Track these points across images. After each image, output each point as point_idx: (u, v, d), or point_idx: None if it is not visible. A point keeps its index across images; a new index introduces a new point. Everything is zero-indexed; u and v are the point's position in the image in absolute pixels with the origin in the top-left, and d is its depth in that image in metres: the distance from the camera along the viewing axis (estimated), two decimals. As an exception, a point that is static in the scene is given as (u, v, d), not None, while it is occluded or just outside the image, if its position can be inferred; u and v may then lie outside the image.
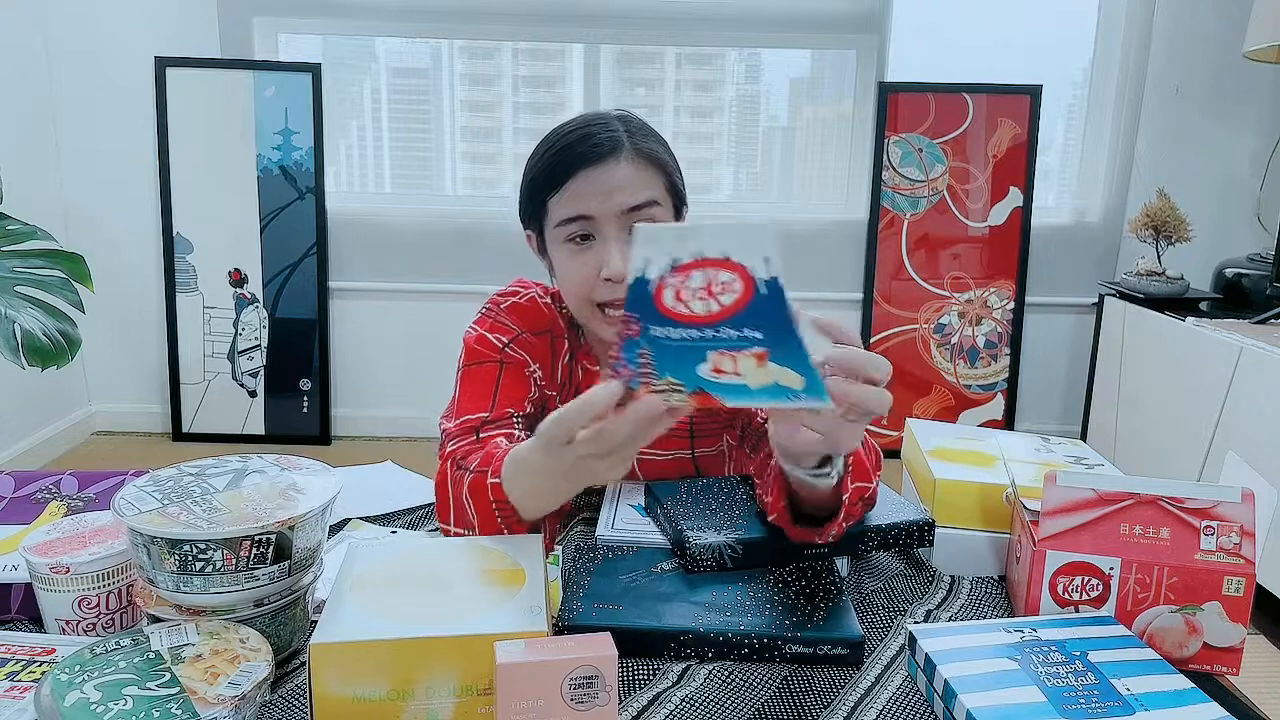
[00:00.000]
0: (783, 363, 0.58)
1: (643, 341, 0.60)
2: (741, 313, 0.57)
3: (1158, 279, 2.77)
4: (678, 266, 0.58)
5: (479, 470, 0.85)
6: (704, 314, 0.58)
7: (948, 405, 3.26)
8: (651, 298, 0.59)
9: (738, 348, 0.58)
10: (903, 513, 0.96)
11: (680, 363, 0.60)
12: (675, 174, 0.97)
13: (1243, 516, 0.79)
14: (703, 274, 0.58)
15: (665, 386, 0.61)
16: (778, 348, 0.57)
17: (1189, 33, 3.05)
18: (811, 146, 3.33)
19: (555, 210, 0.93)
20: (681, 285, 0.58)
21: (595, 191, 0.90)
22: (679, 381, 0.60)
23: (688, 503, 0.97)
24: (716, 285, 0.57)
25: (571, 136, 0.92)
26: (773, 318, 0.57)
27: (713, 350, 0.59)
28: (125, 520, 0.71)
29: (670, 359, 0.60)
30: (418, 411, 3.29)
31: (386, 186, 3.31)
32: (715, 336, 0.58)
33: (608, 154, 0.91)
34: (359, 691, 0.62)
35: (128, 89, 3.05)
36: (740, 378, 0.59)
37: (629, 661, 0.77)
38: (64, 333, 1.97)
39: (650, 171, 0.93)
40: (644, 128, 0.96)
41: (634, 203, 0.91)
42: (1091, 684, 0.69)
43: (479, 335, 1.00)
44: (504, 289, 1.06)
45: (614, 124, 0.94)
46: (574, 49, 3.20)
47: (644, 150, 0.93)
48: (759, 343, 0.57)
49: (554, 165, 0.92)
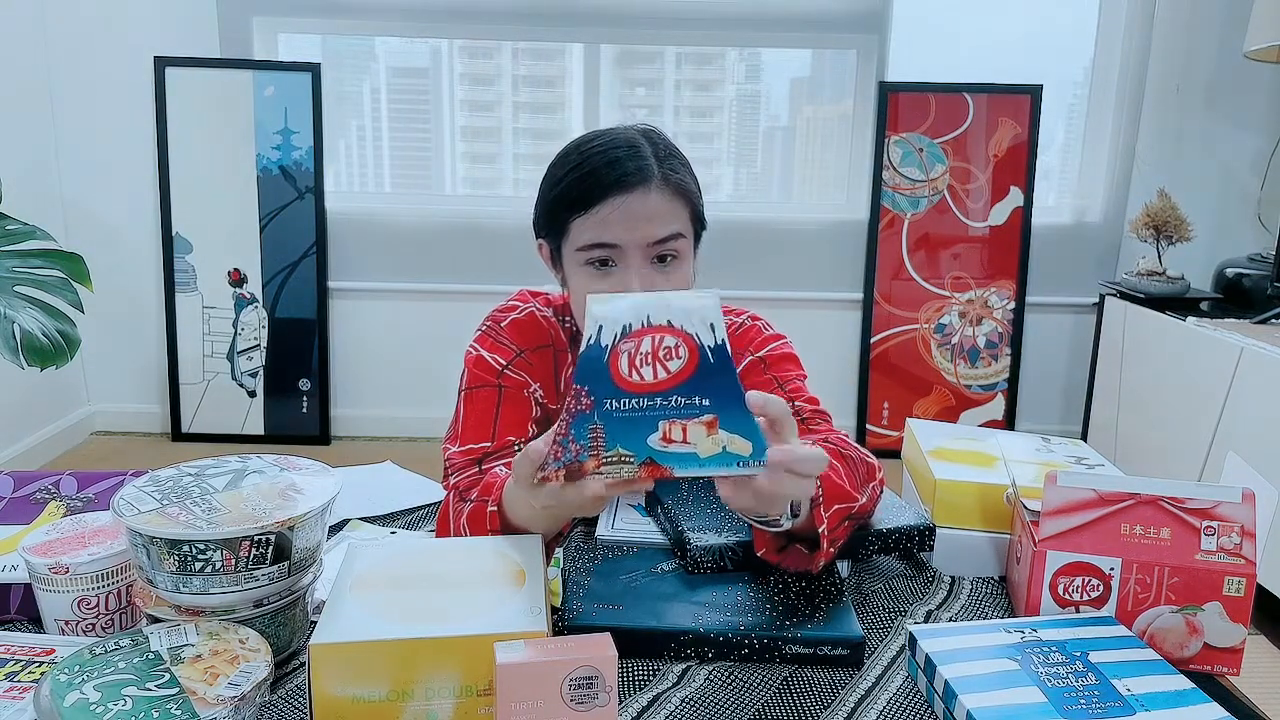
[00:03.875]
0: (731, 429, 0.60)
1: (595, 416, 0.61)
2: (690, 380, 0.59)
3: (1158, 279, 2.77)
4: (629, 333, 0.60)
5: (479, 500, 0.86)
6: (653, 381, 0.60)
7: (948, 405, 3.26)
8: (606, 367, 0.61)
9: (688, 416, 0.60)
10: (903, 517, 0.96)
11: (631, 434, 0.61)
12: (698, 200, 0.95)
13: (1243, 516, 0.79)
14: (650, 340, 0.60)
15: (616, 459, 0.62)
16: (726, 413, 0.59)
17: (1189, 33, 3.05)
18: (811, 146, 3.33)
19: (579, 233, 0.91)
20: (634, 351, 0.60)
21: (623, 221, 0.88)
22: (629, 453, 0.61)
23: (688, 503, 0.97)
24: (663, 351, 0.60)
25: (600, 159, 0.90)
26: (720, 385, 0.59)
27: (663, 420, 0.61)
28: (125, 520, 0.71)
29: (621, 431, 0.61)
30: (417, 411, 3.29)
31: (386, 186, 3.31)
32: (665, 405, 0.60)
33: (638, 184, 0.88)
34: (359, 692, 0.61)
35: (128, 89, 3.05)
36: (690, 446, 0.60)
37: (629, 662, 0.77)
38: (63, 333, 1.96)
39: (677, 202, 0.91)
40: (671, 152, 0.94)
41: (661, 235, 0.89)
42: (1092, 684, 0.69)
43: (478, 356, 1.00)
44: (504, 304, 1.05)
45: (644, 149, 0.91)
46: (574, 49, 3.20)
47: (673, 180, 0.91)
48: (707, 409, 0.59)
49: (582, 188, 0.89)
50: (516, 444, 0.96)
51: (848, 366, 3.26)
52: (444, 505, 0.92)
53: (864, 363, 3.24)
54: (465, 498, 0.89)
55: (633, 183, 0.88)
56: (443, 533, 0.91)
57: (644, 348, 0.60)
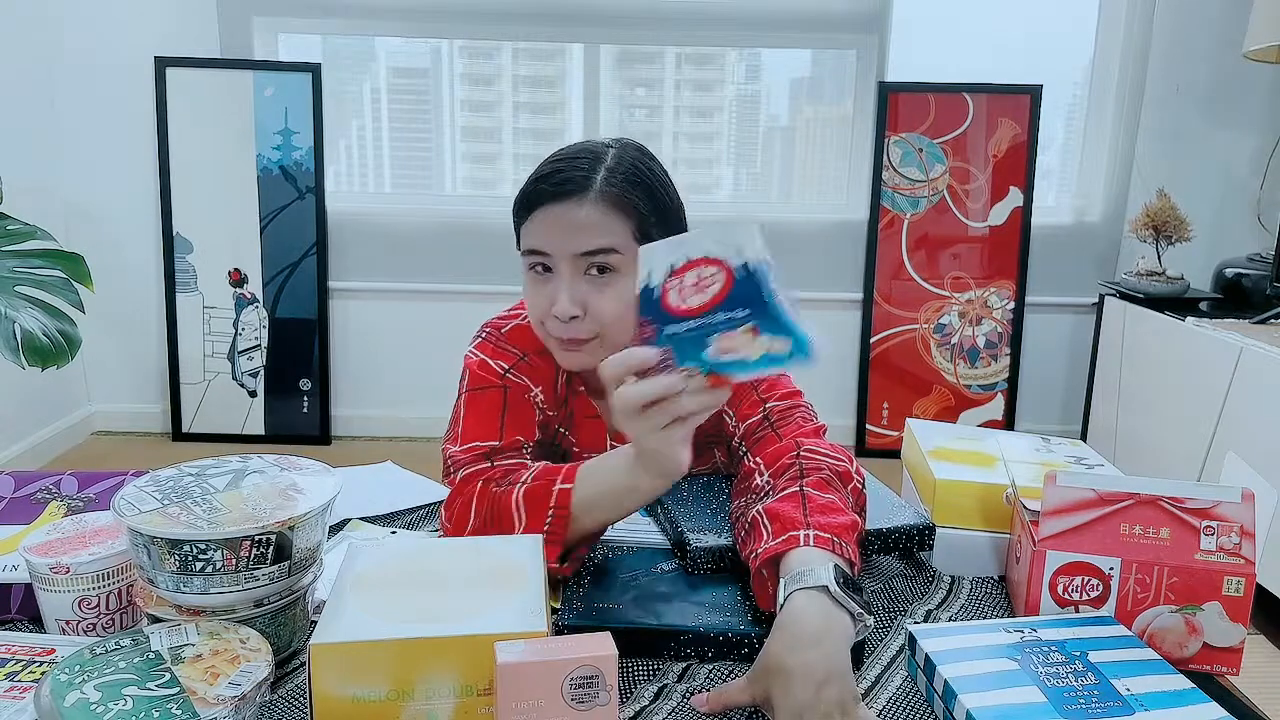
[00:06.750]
0: (771, 333, 0.67)
1: (660, 340, 0.70)
2: (728, 297, 0.68)
3: (1158, 279, 2.77)
4: (674, 271, 0.70)
5: (540, 479, 0.86)
6: (699, 305, 0.68)
7: (948, 405, 3.26)
8: (659, 302, 0.70)
9: (732, 328, 0.67)
10: (903, 516, 0.96)
11: (692, 351, 0.69)
12: (649, 218, 0.91)
13: (1243, 516, 0.79)
14: (694, 273, 0.69)
15: (685, 373, 0.70)
16: (762, 321, 0.66)
17: (1189, 33, 3.05)
18: (811, 146, 3.33)
19: (523, 238, 0.94)
20: (680, 285, 0.69)
21: (553, 230, 0.89)
22: (695, 366, 0.69)
23: (688, 503, 0.97)
24: (703, 279, 0.69)
25: (549, 168, 0.91)
26: (754, 297, 0.67)
27: (714, 335, 0.68)
28: (125, 520, 0.71)
29: (684, 350, 0.69)
30: (418, 411, 3.29)
31: (386, 186, 3.31)
32: (713, 323, 0.68)
33: (572, 194, 0.88)
34: (359, 691, 0.62)
35: (128, 89, 3.05)
36: (739, 353, 0.67)
37: (629, 661, 0.77)
38: (64, 333, 1.97)
39: (614, 215, 0.89)
40: (629, 167, 0.91)
41: (589, 247, 0.88)
42: (1091, 684, 0.69)
43: (480, 361, 1.00)
44: (504, 312, 1.05)
45: (595, 160, 0.90)
46: (574, 49, 3.20)
47: (612, 194, 0.89)
48: (748, 319, 0.67)
49: (526, 194, 0.92)
50: (526, 445, 0.96)
51: (847, 366, 3.26)
52: (460, 497, 0.90)
53: (864, 363, 3.24)
54: (508, 481, 0.88)
55: (567, 192, 0.88)
56: (461, 522, 0.88)
57: (688, 280, 0.69)
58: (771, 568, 0.79)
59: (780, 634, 0.69)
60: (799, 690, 0.65)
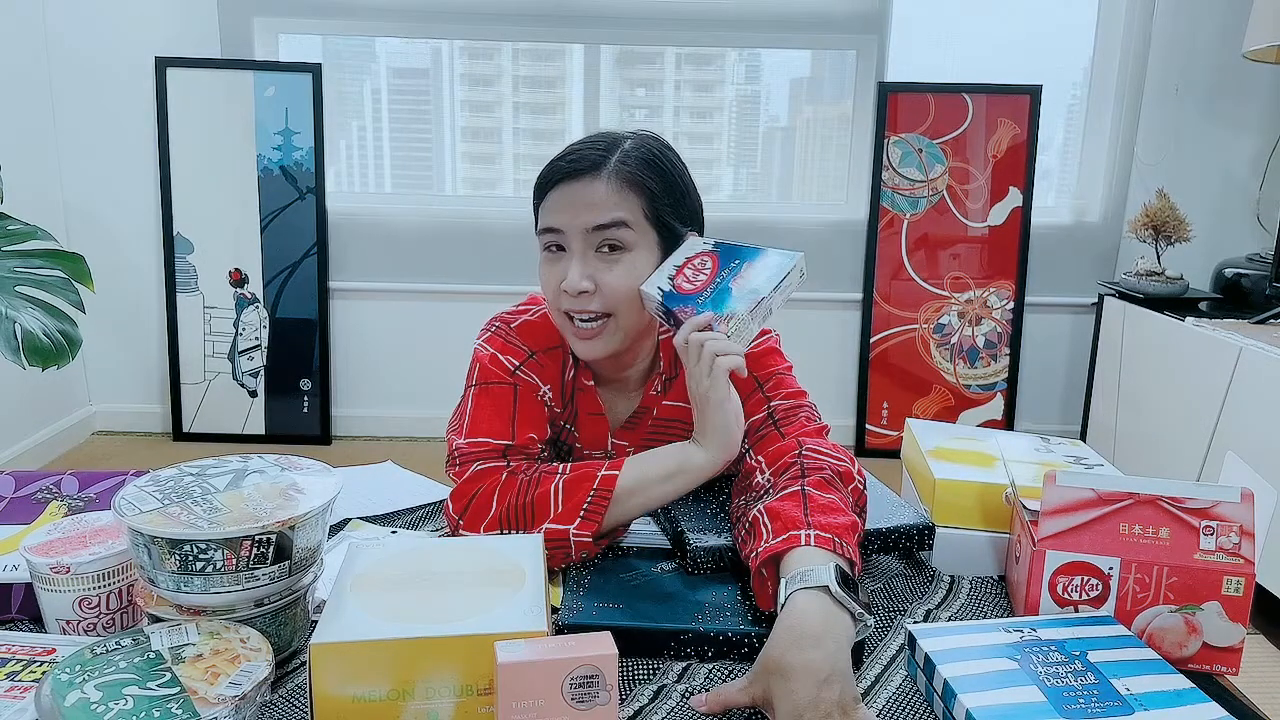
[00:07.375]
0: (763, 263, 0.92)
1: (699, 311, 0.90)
2: (721, 264, 0.93)
3: (1157, 279, 2.77)
4: (676, 271, 0.94)
5: (580, 469, 0.90)
6: (707, 279, 0.92)
7: (947, 405, 3.26)
8: (676, 292, 0.92)
9: (736, 273, 0.92)
10: (903, 516, 0.96)
11: (723, 303, 0.89)
12: (660, 200, 0.94)
13: (1242, 516, 0.79)
14: (690, 267, 0.94)
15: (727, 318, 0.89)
16: (753, 259, 0.93)
17: (1189, 33, 3.05)
18: (811, 146, 3.33)
19: (540, 218, 0.96)
20: (685, 277, 0.93)
21: (567, 206, 0.93)
22: (730, 312, 0.88)
23: (688, 503, 0.97)
24: (699, 265, 0.94)
25: (566, 150, 0.95)
26: (737, 252, 0.94)
27: (729, 285, 0.91)
28: (126, 520, 0.71)
29: (718, 306, 0.90)
30: (418, 411, 3.29)
31: (387, 186, 3.31)
32: (723, 280, 0.91)
33: (586, 170, 0.92)
34: (359, 691, 0.62)
35: (128, 89, 3.05)
36: (751, 283, 0.90)
37: (629, 661, 0.77)
38: (64, 333, 1.97)
39: (628, 193, 0.92)
40: (642, 152, 0.95)
41: (600, 221, 0.92)
42: (1091, 684, 0.69)
43: (491, 355, 1.00)
44: (514, 307, 1.05)
45: (613, 144, 0.94)
46: (574, 49, 3.20)
47: (625, 171, 0.92)
48: (741, 265, 0.92)
49: (544, 176, 0.95)
50: (540, 442, 0.97)
51: (847, 366, 3.26)
52: (476, 488, 0.90)
53: (863, 363, 3.24)
54: (530, 473, 0.91)
55: (581, 170, 0.93)
56: (479, 513, 0.89)
57: (688, 272, 0.93)
58: (771, 567, 0.79)
59: (781, 634, 0.69)
60: (799, 690, 0.65)
